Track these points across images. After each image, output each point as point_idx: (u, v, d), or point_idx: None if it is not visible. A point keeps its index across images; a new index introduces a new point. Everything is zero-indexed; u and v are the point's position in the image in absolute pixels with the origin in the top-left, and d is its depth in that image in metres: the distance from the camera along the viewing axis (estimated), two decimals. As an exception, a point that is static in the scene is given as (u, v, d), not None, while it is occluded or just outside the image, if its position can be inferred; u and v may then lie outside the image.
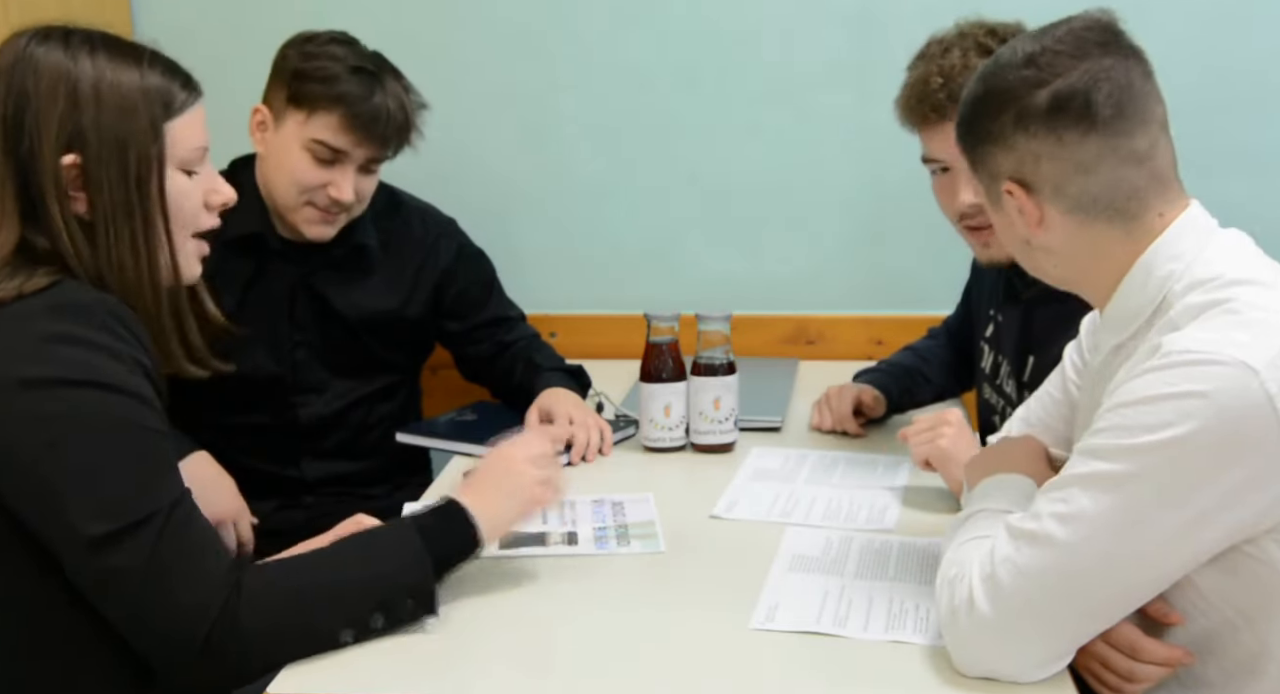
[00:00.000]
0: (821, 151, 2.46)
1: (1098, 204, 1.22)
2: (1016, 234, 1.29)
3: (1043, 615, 1.14)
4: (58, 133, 1.25)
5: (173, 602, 1.19)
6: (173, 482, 1.24)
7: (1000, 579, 1.15)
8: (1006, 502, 1.29)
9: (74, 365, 1.19)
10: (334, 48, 1.97)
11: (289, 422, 2.10)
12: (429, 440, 2.07)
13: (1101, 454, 1.14)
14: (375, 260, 2.12)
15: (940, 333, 2.20)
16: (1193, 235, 1.22)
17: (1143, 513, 1.11)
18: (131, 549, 1.18)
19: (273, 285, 2.06)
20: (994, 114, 1.24)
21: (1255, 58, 2.31)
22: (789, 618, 1.33)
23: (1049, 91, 1.21)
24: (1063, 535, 1.13)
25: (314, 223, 2.01)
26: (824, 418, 2.03)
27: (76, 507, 1.18)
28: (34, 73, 1.26)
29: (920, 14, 1.90)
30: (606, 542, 1.58)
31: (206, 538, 1.24)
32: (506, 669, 1.25)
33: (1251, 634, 1.21)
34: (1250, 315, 1.14)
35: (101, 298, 1.24)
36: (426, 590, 1.30)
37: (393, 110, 1.97)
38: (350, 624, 1.25)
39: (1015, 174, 1.24)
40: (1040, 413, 1.53)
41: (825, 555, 1.50)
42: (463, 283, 2.21)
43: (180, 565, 1.20)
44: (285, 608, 1.24)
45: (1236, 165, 2.31)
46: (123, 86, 1.28)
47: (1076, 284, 1.31)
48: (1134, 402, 1.13)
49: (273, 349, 2.07)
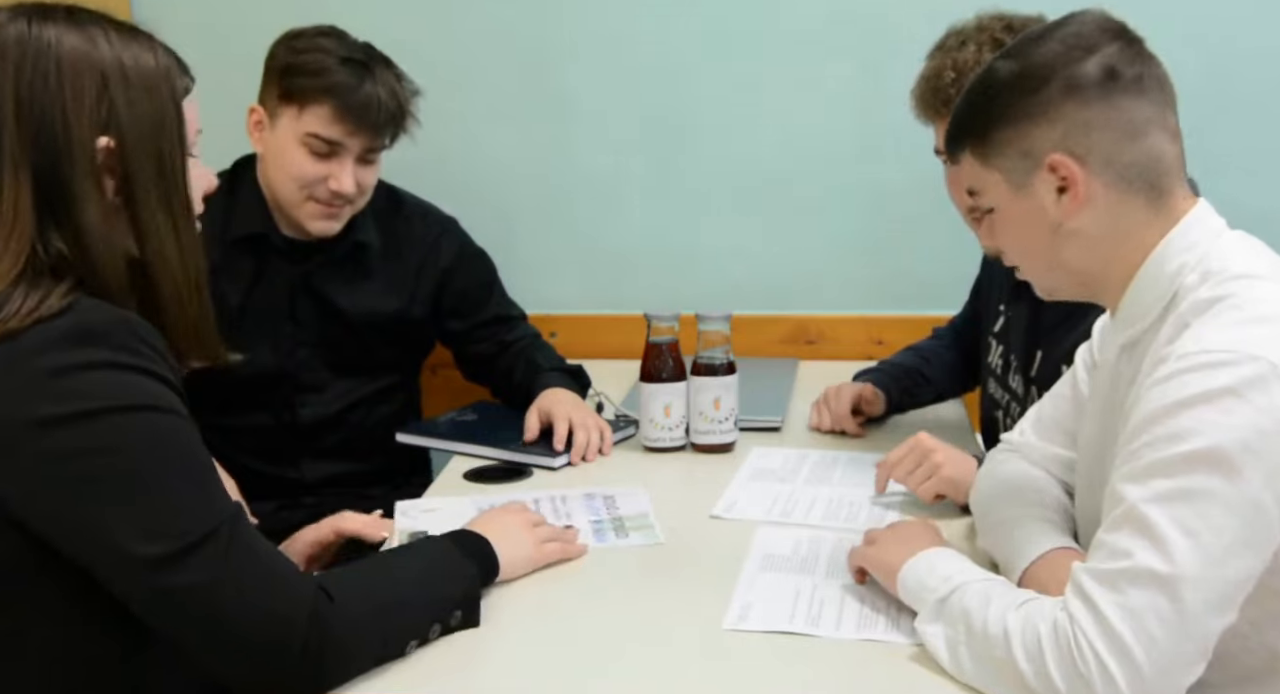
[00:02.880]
0: (822, 152, 2.46)
1: (1141, 175, 1.21)
2: (1036, 228, 1.25)
3: (1178, 648, 1.08)
4: (91, 114, 1.19)
5: (260, 611, 1.15)
6: (223, 494, 1.20)
7: (1120, 633, 1.07)
8: (970, 572, 1.26)
9: (96, 394, 1.13)
10: (322, 41, 1.98)
11: (289, 421, 2.10)
12: (429, 440, 2.07)
13: (1158, 471, 1.10)
14: (376, 259, 2.12)
15: (946, 333, 2.19)
16: (1202, 229, 1.23)
17: (1225, 516, 1.08)
18: (198, 566, 1.13)
19: (275, 284, 2.06)
20: (1034, 88, 1.22)
21: (1255, 58, 2.31)
22: (762, 618, 1.33)
23: (1098, 60, 1.21)
24: (1162, 566, 1.08)
25: (318, 217, 2.01)
26: (823, 418, 2.03)
27: (127, 534, 1.12)
28: (50, 54, 1.19)
29: (922, 15, 1.90)
30: (605, 535, 1.59)
31: (271, 546, 1.21)
32: (487, 664, 1.26)
33: (1259, 641, 1.20)
34: (1255, 310, 1.14)
35: (115, 316, 1.18)
36: (473, 603, 1.33)
37: (384, 98, 1.97)
38: (416, 635, 1.26)
39: (1062, 146, 1.21)
40: (1053, 412, 1.53)
41: (796, 555, 1.50)
42: (463, 282, 2.21)
43: (259, 575, 1.16)
44: (370, 619, 1.22)
45: (1236, 166, 2.31)
46: (145, 67, 1.23)
47: (1092, 278, 1.27)
48: (1167, 409, 1.11)
49: (274, 348, 2.07)
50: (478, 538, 1.41)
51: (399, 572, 1.31)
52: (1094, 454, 1.36)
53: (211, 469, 1.21)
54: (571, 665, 1.26)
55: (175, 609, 1.15)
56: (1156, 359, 1.17)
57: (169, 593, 1.14)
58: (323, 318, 2.09)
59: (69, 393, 1.12)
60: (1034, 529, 1.36)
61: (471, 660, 1.27)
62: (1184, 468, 1.09)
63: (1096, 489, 1.28)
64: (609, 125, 2.50)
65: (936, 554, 1.31)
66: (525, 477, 1.85)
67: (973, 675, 1.18)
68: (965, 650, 1.19)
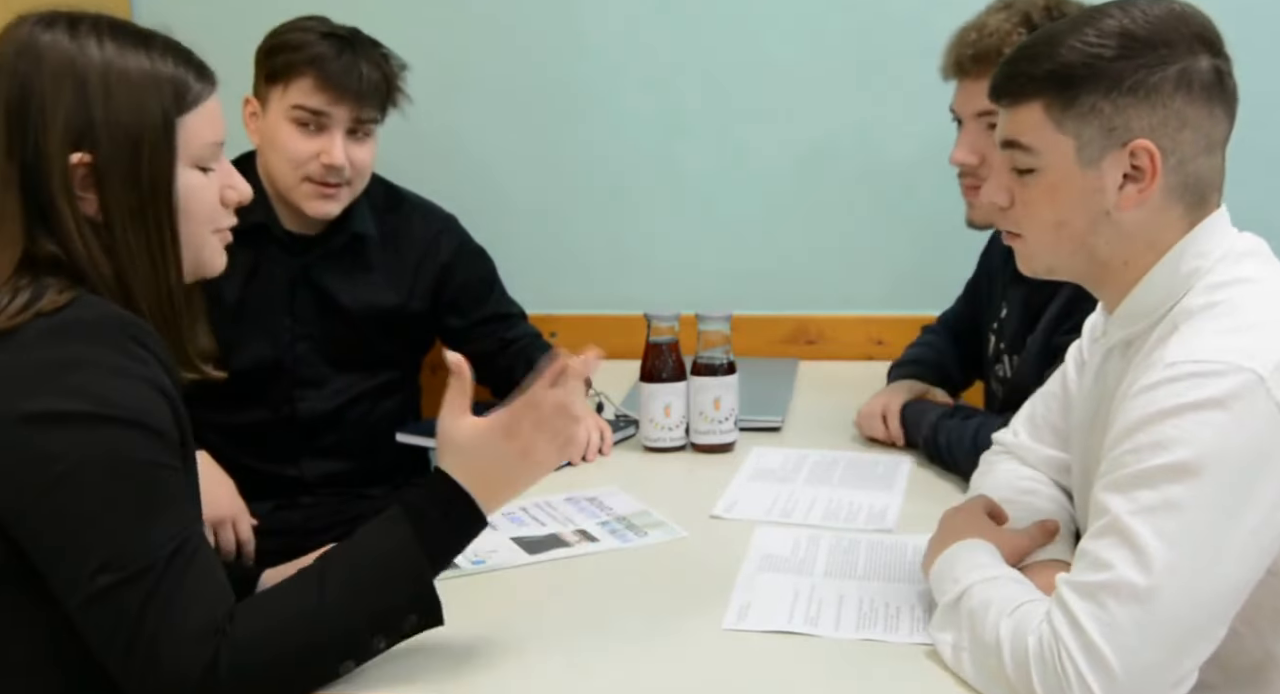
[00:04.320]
0: (822, 151, 2.46)
1: (1195, 187, 1.18)
2: (1083, 208, 1.19)
3: (1159, 662, 1.07)
4: (65, 128, 1.17)
5: (158, 660, 1.10)
6: (173, 523, 1.14)
7: (1099, 646, 1.06)
8: (978, 571, 1.24)
9: (78, 396, 1.11)
10: (304, 21, 2.02)
11: (288, 417, 2.10)
12: (429, 440, 2.06)
13: (1142, 481, 1.09)
14: (375, 254, 2.13)
15: (940, 329, 2.19)
16: (1218, 234, 1.21)
17: (1209, 529, 1.07)
18: (123, 600, 1.10)
19: (274, 277, 2.07)
20: (1154, 65, 1.14)
21: (1257, 57, 2.31)
22: (761, 618, 1.33)
23: (1209, 61, 1.16)
24: (1143, 579, 1.06)
25: (315, 198, 2.01)
26: (889, 434, 1.93)
27: (74, 549, 1.11)
28: (38, 61, 1.17)
29: (923, 16, 1.90)
30: (624, 534, 1.59)
31: (197, 591, 1.13)
32: (484, 663, 1.25)
33: (1256, 642, 1.20)
34: (1244, 317, 1.13)
35: (115, 314, 1.17)
36: (428, 602, 1.20)
37: (366, 69, 1.98)
38: (350, 655, 1.17)
39: (1153, 135, 1.15)
40: (1045, 413, 1.53)
41: (794, 555, 1.50)
42: (463, 278, 2.22)
43: (167, 625, 1.10)
44: (273, 671, 1.13)
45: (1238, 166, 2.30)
46: (133, 77, 1.19)
47: (1109, 271, 1.23)
48: (1152, 417, 1.10)
49: (272, 341, 2.07)
50: (456, 496, 1.22)
51: (324, 596, 1.16)
52: (1083, 454, 1.35)
53: (174, 492, 1.16)
54: (570, 665, 1.26)
55: (93, 632, 1.13)
56: (1145, 364, 1.16)
57: (92, 616, 1.12)
58: (321, 312, 2.10)
59: (51, 391, 1.12)
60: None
61: (468, 660, 1.26)
62: (1167, 479, 1.08)
63: (1087, 491, 1.27)
64: (609, 125, 2.50)
65: (958, 550, 1.28)
66: (525, 476, 1.84)
67: (973, 679, 1.18)
68: (967, 656, 1.19)
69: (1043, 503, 1.44)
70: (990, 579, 1.23)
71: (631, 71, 2.47)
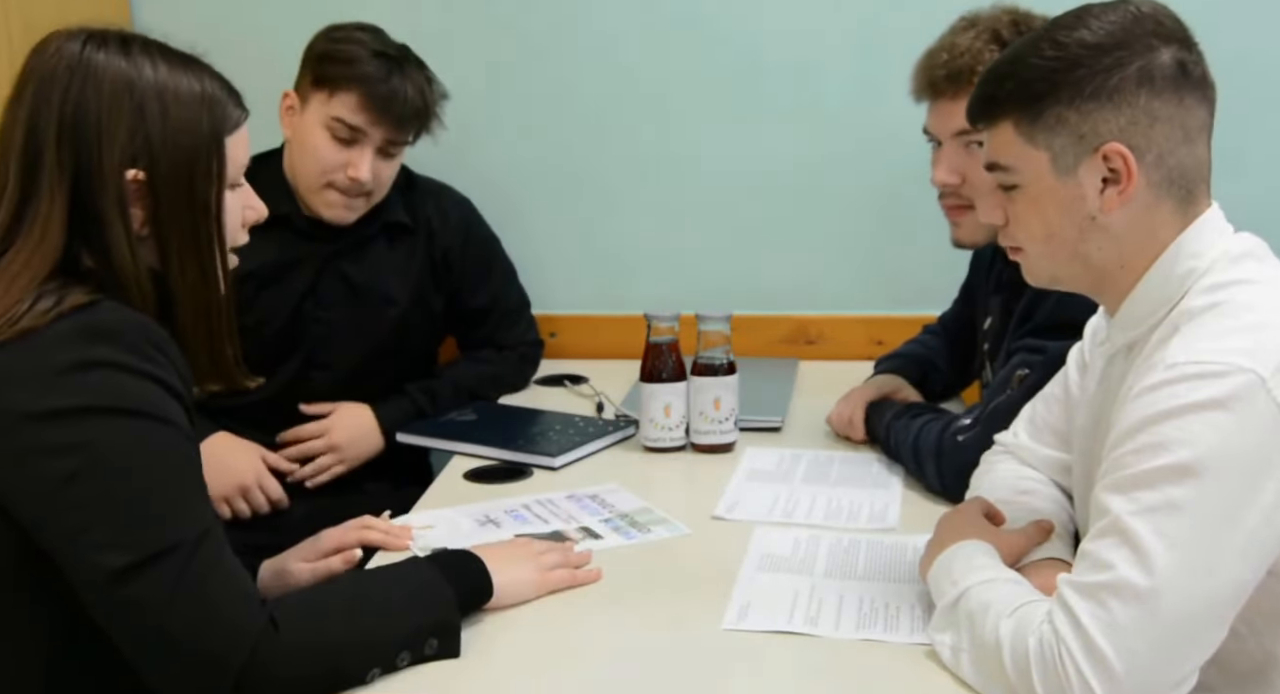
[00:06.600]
0: (822, 151, 2.46)
1: (1181, 180, 1.18)
2: (1068, 216, 1.20)
3: (1161, 662, 1.08)
4: (123, 145, 1.20)
5: (199, 642, 1.13)
6: (201, 512, 1.18)
7: (1100, 646, 1.07)
8: (977, 573, 1.25)
9: (95, 392, 1.13)
10: (359, 34, 2.06)
11: (302, 394, 2.12)
12: (429, 440, 2.07)
13: (1143, 482, 1.09)
14: (396, 241, 2.17)
15: (938, 329, 2.19)
16: (1212, 234, 1.21)
17: (1210, 529, 1.07)
18: (152, 580, 1.12)
19: (297, 263, 2.10)
20: (1111, 68, 1.15)
21: (1256, 57, 2.31)
22: (761, 618, 1.33)
23: (1172, 53, 1.16)
24: (1144, 579, 1.07)
25: (333, 206, 2.06)
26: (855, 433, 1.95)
27: (95, 539, 1.12)
28: (95, 80, 1.20)
29: (924, 18, 1.90)
30: (627, 531, 1.60)
31: (235, 574, 1.17)
32: (484, 663, 1.26)
33: (1256, 643, 1.20)
34: (1245, 318, 1.13)
35: (132, 318, 1.18)
36: (450, 631, 1.27)
37: (410, 94, 2.04)
38: (378, 664, 1.22)
39: (1123, 136, 1.16)
40: (1045, 414, 1.53)
41: (794, 555, 1.50)
42: (473, 260, 2.26)
43: (207, 604, 1.13)
44: (317, 655, 1.19)
45: (1237, 166, 2.30)
46: (185, 98, 1.23)
47: (1107, 275, 1.23)
48: (1153, 418, 1.10)
49: (292, 318, 2.10)
50: (470, 559, 1.37)
51: (364, 601, 1.25)
52: (1085, 456, 1.35)
53: (195, 484, 1.19)
54: (570, 665, 1.26)
55: (121, 619, 1.14)
56: (1146, 365, 1.16)
57: (120, 602, 1.13)
58: (341, 298, 2.13)
59: (68, 388, 1.13)
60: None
61: (469, 659, 1.27)
62: (1168, 479, 1.08)
63: (1088, 493, 1.27)
64: (609, 125, 2.50)
65: (956, 552, 1.29)
66: (525, 477, 1.85)
67: (973, 680, 1.18)
68: (966, 657, 1.19)
69: (1041, 503, 1.44)
70: (989, 581, 1.23)
71: (632, 73, 2.47)
